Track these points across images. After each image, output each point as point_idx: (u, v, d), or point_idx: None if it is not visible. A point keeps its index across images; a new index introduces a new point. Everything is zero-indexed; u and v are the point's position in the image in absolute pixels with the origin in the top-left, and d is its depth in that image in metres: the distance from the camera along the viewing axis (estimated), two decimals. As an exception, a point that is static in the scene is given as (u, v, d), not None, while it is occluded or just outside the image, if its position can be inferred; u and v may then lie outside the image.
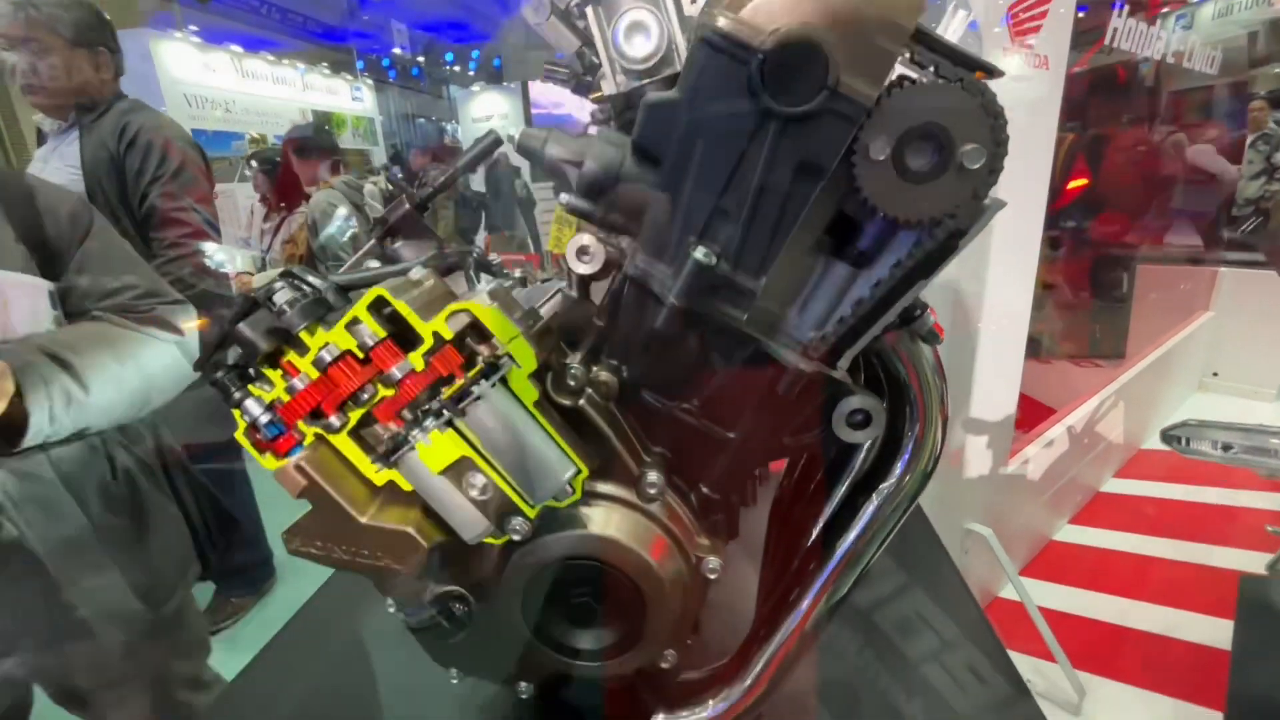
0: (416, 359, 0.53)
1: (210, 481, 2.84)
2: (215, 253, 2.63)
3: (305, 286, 0.56)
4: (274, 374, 0.59)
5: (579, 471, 0.56)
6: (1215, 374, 3.85)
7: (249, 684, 1.22)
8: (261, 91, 10.19)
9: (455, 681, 0.82)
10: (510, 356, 0.52)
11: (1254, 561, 2.48)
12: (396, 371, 0.54)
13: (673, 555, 0.61)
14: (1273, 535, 2.05)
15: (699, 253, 0.55)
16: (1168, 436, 0.86)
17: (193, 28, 8.76)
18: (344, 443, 0.60)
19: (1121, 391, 3.02)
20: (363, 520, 0.60)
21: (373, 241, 0.69)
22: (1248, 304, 3.61)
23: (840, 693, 1.11)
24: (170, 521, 1.60)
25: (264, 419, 0.60)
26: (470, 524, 0.58)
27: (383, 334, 0.53)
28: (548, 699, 0.81)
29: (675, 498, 0.65)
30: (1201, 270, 3.78)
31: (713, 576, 0.63)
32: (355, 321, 0.54)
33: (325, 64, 12.38)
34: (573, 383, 0.61)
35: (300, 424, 0.60)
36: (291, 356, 0.57)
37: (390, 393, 0.56)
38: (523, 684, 0.78)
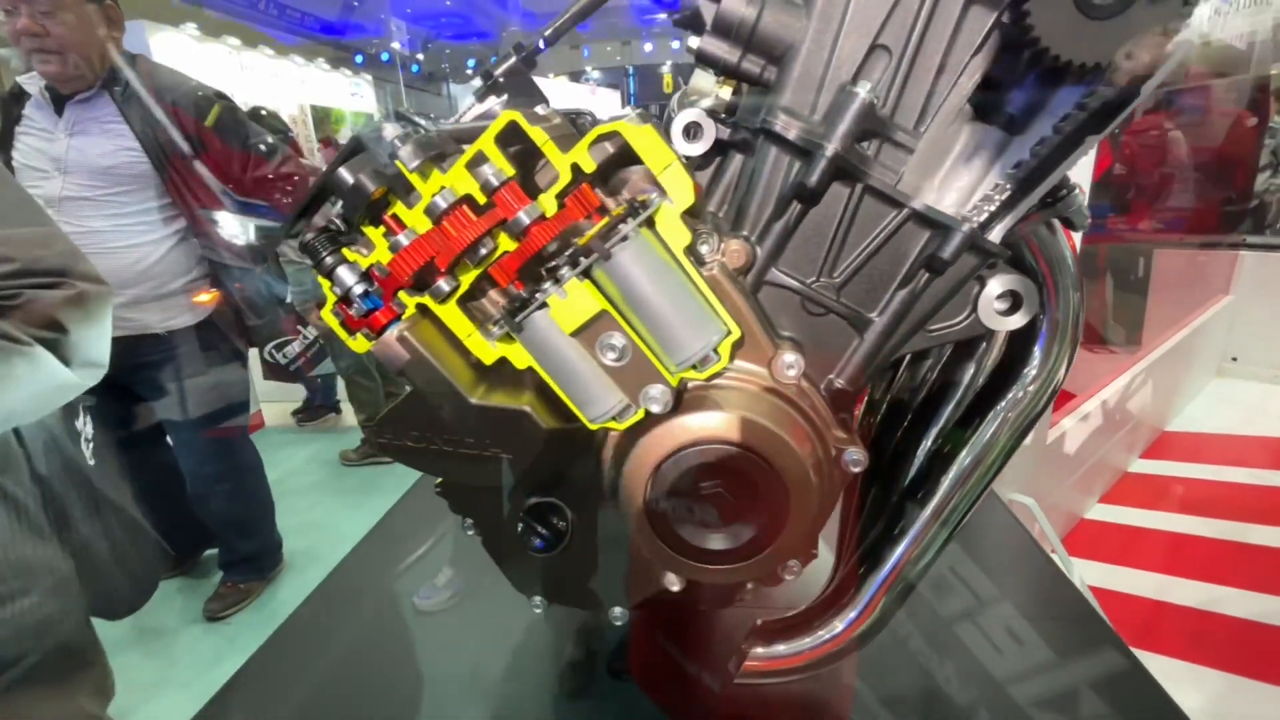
0: (548, 200, 0.47)
1: (220, 467, 2.75)
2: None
3: (418, 125, 0.50)
4: (374, 233, 0.53)
5: (728, 333, 0.50)
6: (1234, 359, 3.82)
7: (251, 678, 1.15)
8: (259, 86, 10.09)
9: (538, 610, 0.75)
10: (662, 191, 0.46)
11: (1292, 536, 2.44)
12: (524, 216, 0.47)
13: (813, 444, 0.55)
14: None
15: (862, 89, 0.49)
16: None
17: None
18: (451, 313, 0.53)
19: (1144, 374, 2.99)
20: (473, 401, 0.53)
21: (472, 106, 0.63)
22: (1267, 287, 3.59)
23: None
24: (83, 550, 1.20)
25: (358, 289, 0.53)
26: (599, 398, 0.51)
27: (511, 172, 0.47)
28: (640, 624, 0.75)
29: (809, 384, 0.58)
30: (1220, 254, 3.75)
31: (856, 470, 0.57)
32: (477, 161, 0.47)
33: (323, 59, 12.28)
34: (704, 248, 0.54)
35: (401, 294, 0.54)
36: (398, 209, 0.51)
37: (512, 246, 0.49)
38: (617, 610, 0.72)
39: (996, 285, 0.60)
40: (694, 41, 0.54)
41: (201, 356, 2.59)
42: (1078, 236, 0.72)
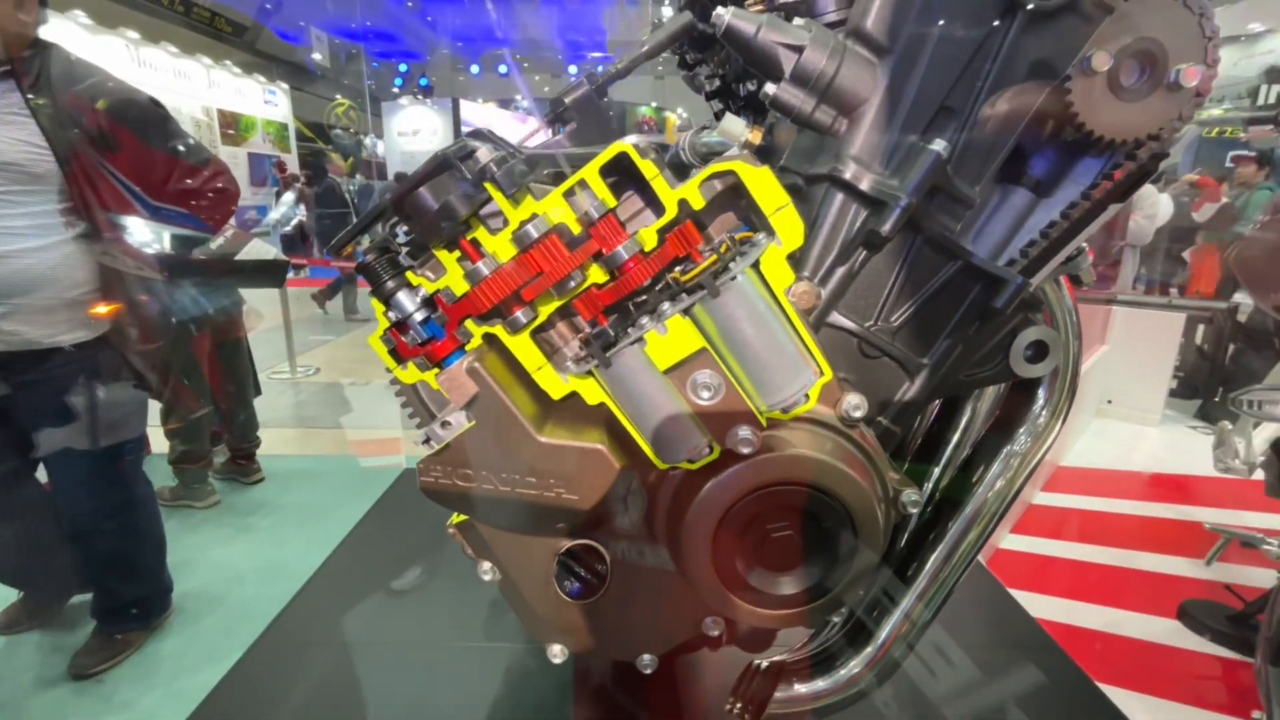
0: (650, 235, 0.46)
1: (108, 501, 2.42)
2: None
3: (509, 148, 0.47)
4: (448, 258, 0.49)
5: (822, 375, 0.50)
6: (1110, 401, 4.29)
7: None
8: (160, 84, 9.33)
9: (558, 661, 0.71)
10: (772, 232, 0.46)
11: (1178, 565, 2.73)
12: (623, 251, 0.46)
13: (874, 485, 0.56)
14: (1210, 532, 2.27)
15: (938, 145, 0.52)
16: (1240, 401, 0.91)
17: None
18: (523, 345, 0.50)
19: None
20: (541, 439, 0.50)
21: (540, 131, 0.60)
22: (1135, 339, 4.08)
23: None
24: None
25: (419, 315, 0.49)
26: (681, 438, 0.50)
27: (613, 203, 0.45)
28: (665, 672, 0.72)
29: (865, 427, 0.59)
30: (1098, 308, 4.24)
31: (913, 510, 0.58)
32: (576, 189, 0.46)
33: (231, 61, 11.55)
34: (774, 289, 0.54)
35: (468, 323, 0.50)
36: (480, 234, 0.48)
37: (601, 278, 0.48)
38: (647, 657, 0.69)
39: (1026, 336, 0.64)
40: (770, 88, 0.55)
41: (94, 376, 2.30)
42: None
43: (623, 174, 0.46)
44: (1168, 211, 4.81)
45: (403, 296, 0.49)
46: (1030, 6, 0.51)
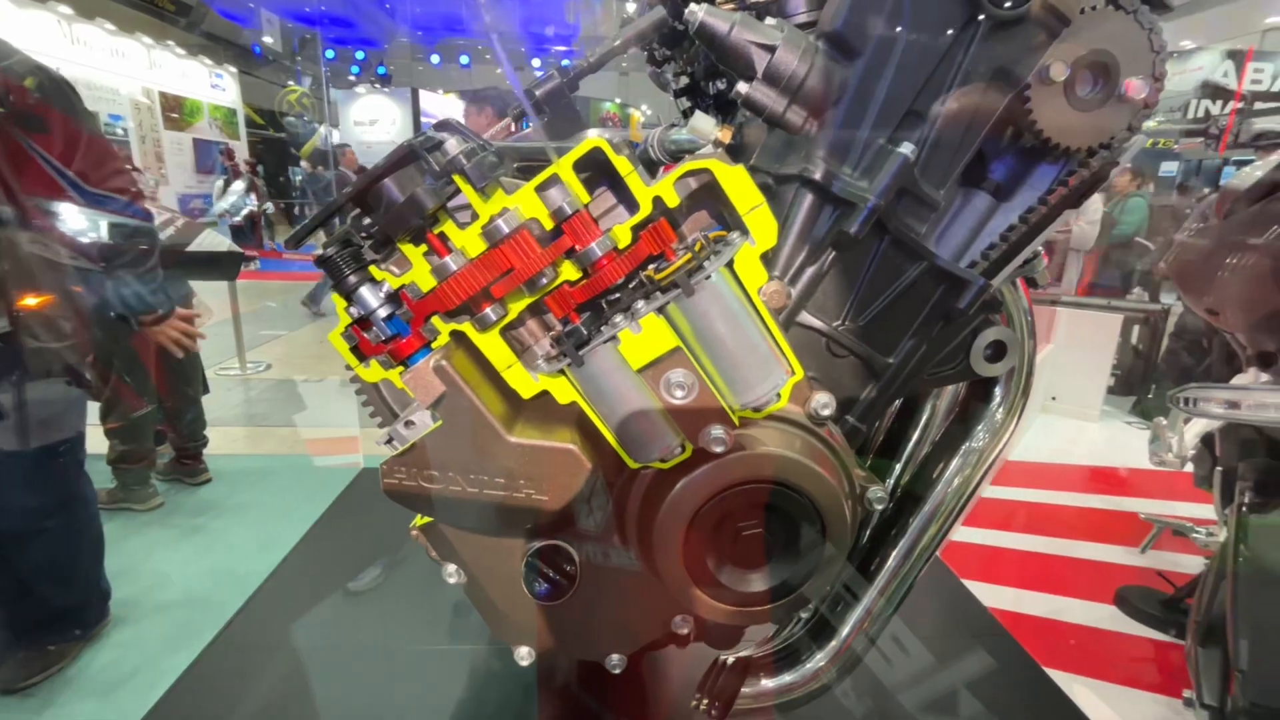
0: (624, 232, 0.45)
1: (45, 501, 2.27)
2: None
3: (479, 141, 0.46)
4: (414, 252, 0.47)
5: (794, 374, 0.50)
6: (1054, 398, 4.49)
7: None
8: (95, 63, 8.81)
9: (525, 663, 0.70)
10: (745, 231, 0.46)
11: (1115, 554, 2.87)
12: (597, 248, 0.45)
13: (842, 482, 0.57)
14: (1145, 522, 2.39)
15: (906, 148, 0.53)
16: (1177, 399, 0.97)
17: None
18: (493, 343, 0.49)
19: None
20: (511, 439, 0.49)
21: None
22: (1077, 339, 4.27)
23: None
24: None
25: (383, 312, 0.48)
26: (654, 437, 0.49)
27: (587, 199, 0.44)
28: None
29: (833, 425, 0.60)
30: (1044, 309, 4.43)
31: (878, 507, 0.59)
32: (549, 183, 0.45)
33: (173, 40, 10.98)
34: (747, 288, 0.55)
35: (435, 320, 0.49)
36: (447, 228, 0.46)
37: (574, 275, 0.47)
38: (616, 656, 0.68)
39: (986, 336, 0.66)
40: (743, 87, 0.55)
41: (19, 370, 2.16)
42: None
43: (595, 169, 0.45)
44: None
45: (365, 292, 0.47)
46: (985, 15, 0.52)
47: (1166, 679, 2.15)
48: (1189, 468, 1.85)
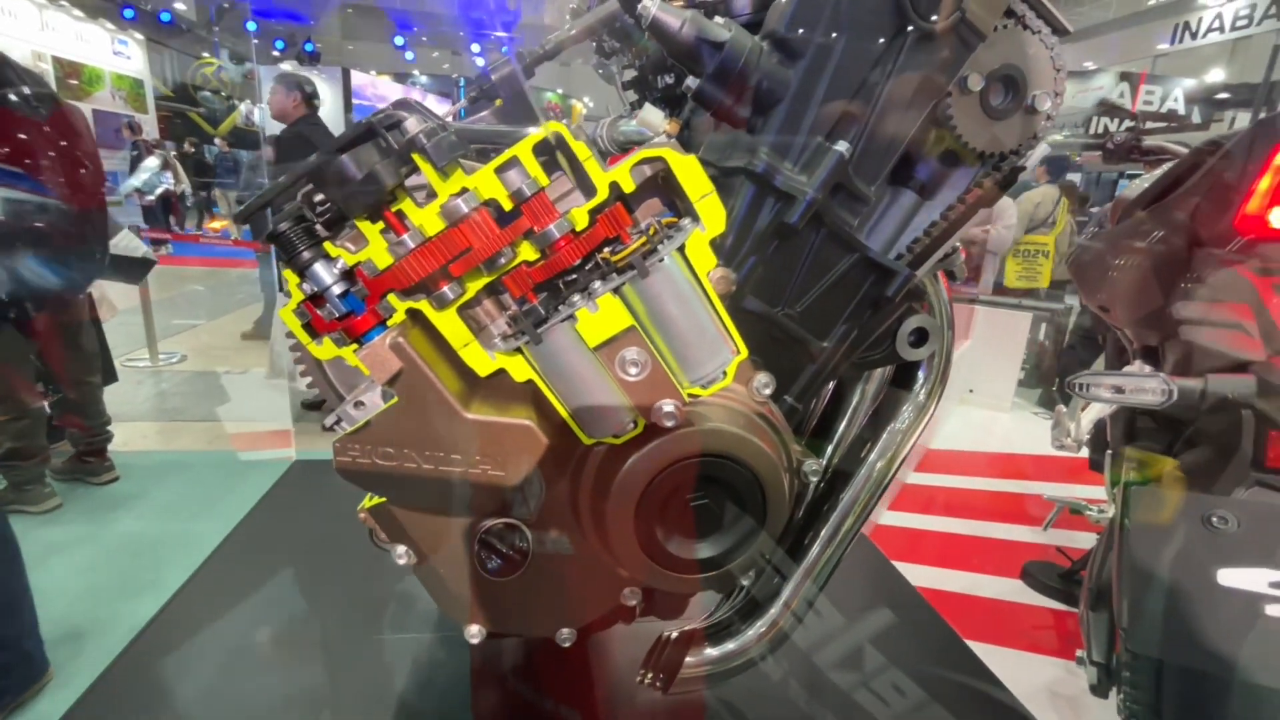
0: (581, 215, 0.47)
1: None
2: None
3: (438, 120, 0.46)
4: (371, 229, 0.48)
5: (738, 353, 0.53)
6: (971, 390, 4.80)
7: None
8: (-23, 22, 7.98)
9: (475, 641, 0.71)
10: (696, 217, 0.49)
11: (1022, 533, 3.11)
12: (555, 230, 0.47)
13: (781, 456, 0.61)
14: (1048, 502, 2.62)
15: (841, 146, 0.57)
16: (1073, 385, 1.07)
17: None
18: (449, 321, 0.50)
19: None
20: (468, 415, 0.50)
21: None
22: (992, 336, 4.59)
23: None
24: None
25: (337, 289, 0.48)
26: (608, 414, 0.52)
27: (545, 182, 0.46)
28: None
29: (773, 403, 0.64)
30: (964, 308, 4.74)
31: (814, 479, 0.64)
32: (508, 165, 0.46)
33: (69, 1, 10.05)
34: (695, 274, 0.58)
35: (391, 298, 0.49)
36: (405, 205, 0.47)
37: (533, 255, 0.48)
38: (565, 631, 0.71)
39: (910, 323, 0.72)
40: (692, 82, 0.58)
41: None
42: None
43: (550, 155, 0.47)
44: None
45: (319, 269, 0.47)
46: (913, 27, 0.57)
47: (1063, 643, 2.36)
48: (1084, 452, 2.04)
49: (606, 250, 0.49)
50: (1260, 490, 0.94)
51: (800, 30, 0.57)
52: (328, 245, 0.47)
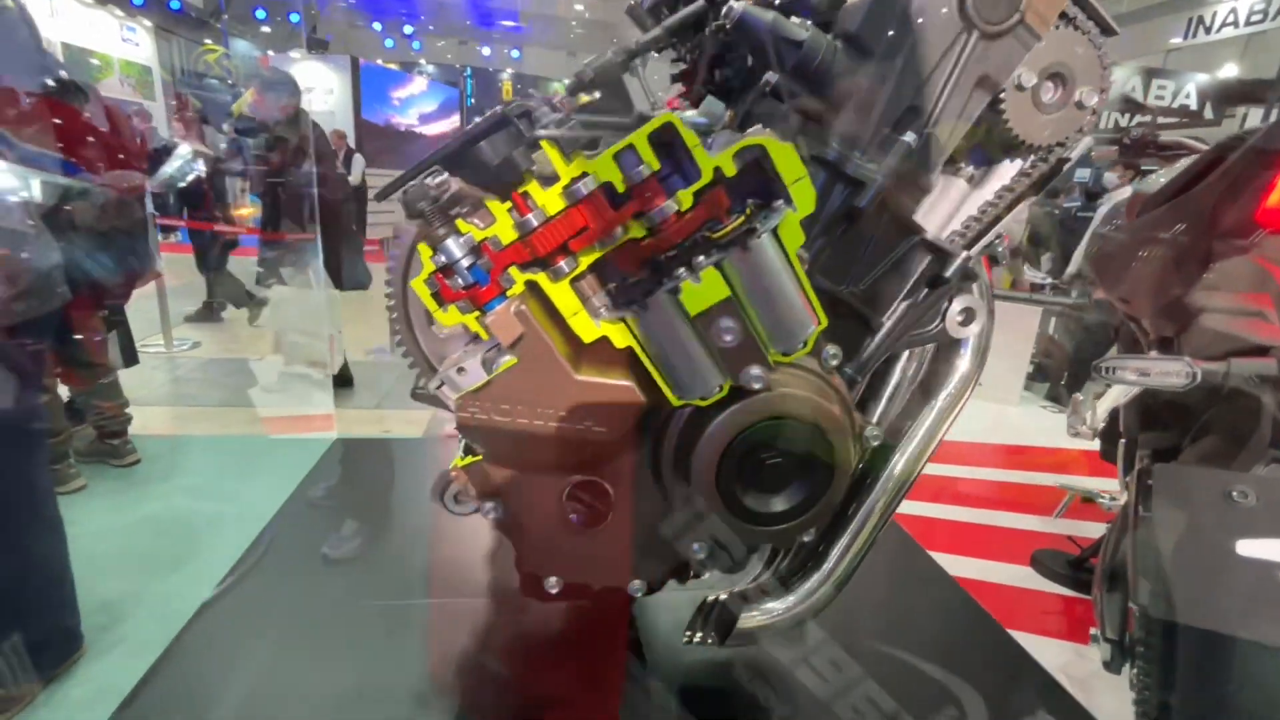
0: (687, 197, 0.53)
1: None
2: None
3: (560, 111, 0.52)
4: (499, 208, 0.53)
5: (820, 324, 0.59)
6: (979, 383, 4.86)
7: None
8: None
9: (555, 591, 0.77)
10: (790, 199, 0.54)
11: (1031, 522, 3.17)
12: (664, 210, 0.52)
13: (847, 422, 0.66)
14: (1058, 490, 2.67)
15: (909, 137, 0.63)
16: (1099, 368, 1.13)
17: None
18: (563, 292, 0.56)
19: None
20: (578, 376, 0.56)
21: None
22: (1003, 330, 4.63)
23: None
24: None
25: (466, 261, 0.54)
26: (700, 378, 0.57)
27: (657, 166, 0.52)
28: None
29: (838, 373, 0.70)
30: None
31: (875, 444, 0.69)
32: (625, 151, 0.51)
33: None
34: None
35: (512, 270, 0.55)
36: (531, 187, 0.52)
37: (640, 233, 0.54)
38: (636, 582, 0.76)
39: (960, 302, 0.77)
40: (771, 76, 0.63)
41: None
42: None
43: (662, 142, 0.52)
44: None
45: (451, 243, 0.53)
46: (978, 30, 0.62)
47: (1073, 627, 2.43)
48: (1096, 444, 2.10)
49: (706, 229, 0.55)
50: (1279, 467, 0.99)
51: (871, 31, 0.62)
52: (459, 222, 0.53)
